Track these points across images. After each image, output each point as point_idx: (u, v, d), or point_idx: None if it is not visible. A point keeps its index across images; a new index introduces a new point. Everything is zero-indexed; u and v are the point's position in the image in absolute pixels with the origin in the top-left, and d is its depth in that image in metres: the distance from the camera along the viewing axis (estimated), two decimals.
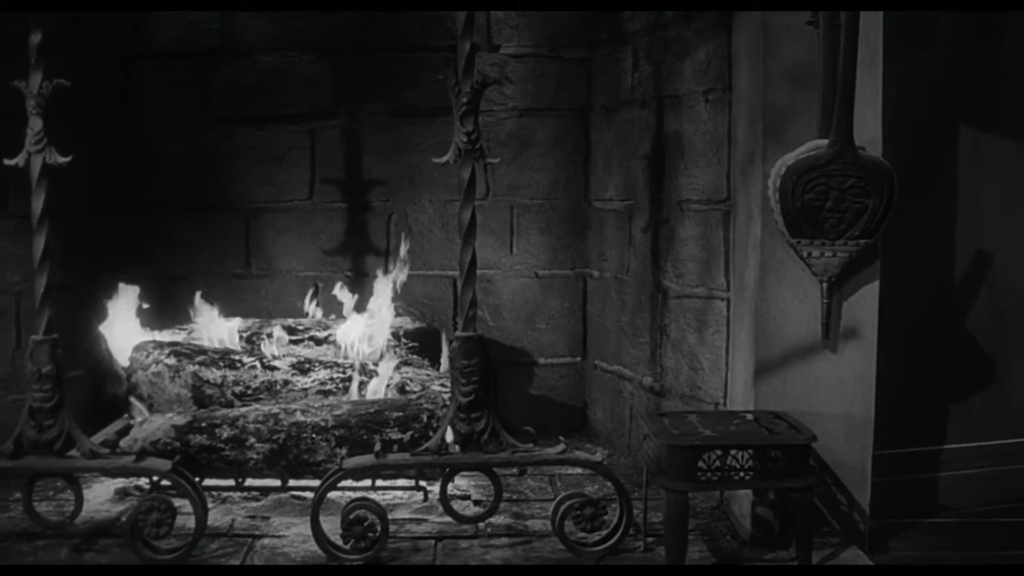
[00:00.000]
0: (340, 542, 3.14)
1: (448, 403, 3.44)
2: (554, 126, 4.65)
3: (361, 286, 4.60)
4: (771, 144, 3.25)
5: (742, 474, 2.98)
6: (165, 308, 4.43)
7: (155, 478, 3.51)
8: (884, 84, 3.24)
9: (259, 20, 4.62)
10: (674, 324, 3.94)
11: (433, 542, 3.30)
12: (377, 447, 3.23)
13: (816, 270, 3.24)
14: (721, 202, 3.66)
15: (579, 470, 3.98)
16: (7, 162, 3.15)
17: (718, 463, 2.97)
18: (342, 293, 4.50)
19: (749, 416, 3.21)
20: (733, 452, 2.97)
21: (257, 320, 4.41)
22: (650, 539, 3.23)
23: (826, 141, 3.14)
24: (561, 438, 3.28)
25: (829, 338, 3.29)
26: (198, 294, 4.41)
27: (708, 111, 3.71)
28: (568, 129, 4.65)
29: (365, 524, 3.11)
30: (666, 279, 3.98)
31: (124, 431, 3.76)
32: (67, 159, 3.14)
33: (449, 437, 3.21)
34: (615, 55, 4.38)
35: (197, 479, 3.37)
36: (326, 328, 4.32)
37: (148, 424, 3.71)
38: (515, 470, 3.85)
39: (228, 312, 4.39)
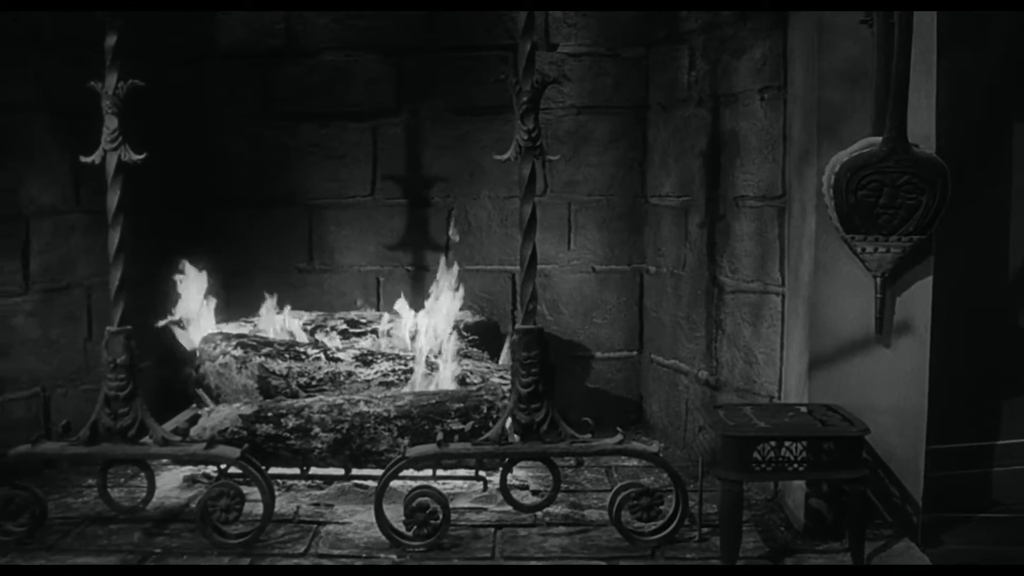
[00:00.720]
0: (403, 529, 3.22)
1: (508, 394, 3.52)
2: (611, 124, 4.71)
3: (422, 280, 4.70)
4: (825, 142, 3.28)
5: (796, 465, 3.03)
6: (231, 301, 4.56)
7: (223, 466, 3.63)
8: (938, 82, 3.26)
9: (323, 20, 4.73)
10: (729, 319, 3.99)
11: (493, 530, 3.38)
12: (439, 436, 3.31)
13: (870, 265, 3.27)
14: (776, 198, 3.70)
15: (635, 462, 4.05)
16: (84, 159, 3.27)
17: (772, 454, 3.02)
18: (403, 287, 4.58)
19: (803, 409, 3.24)
20: (787, 443, 3.02)
21: (321, 313, 4.52)
22: (705, 529, 3.29)
23: (880, 139, 3.17)
24: (618, 429, 3.34)
25: (882, 333, 3.32)
26: (267, 290, 4.54)
27: (763, 109, 3.75)
28: (625, 127, 4.71)
29: (427, 511, 3.20)
30: (722, 274, 4.03)
31: (192, 420, 3.88)
32: (141, 156, 3.26)
33: (509, 427, 3.29)
34: (672, 54, 4.43)
35: (264, 467, 3.48)
36: (388, 321, 4.41)
37: (216, 413, 3.83)
38: (572, 461, 3.95)
39: (292, 305, 4.51)
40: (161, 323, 4.28)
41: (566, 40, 4.69)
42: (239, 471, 3.38)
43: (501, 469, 3.35)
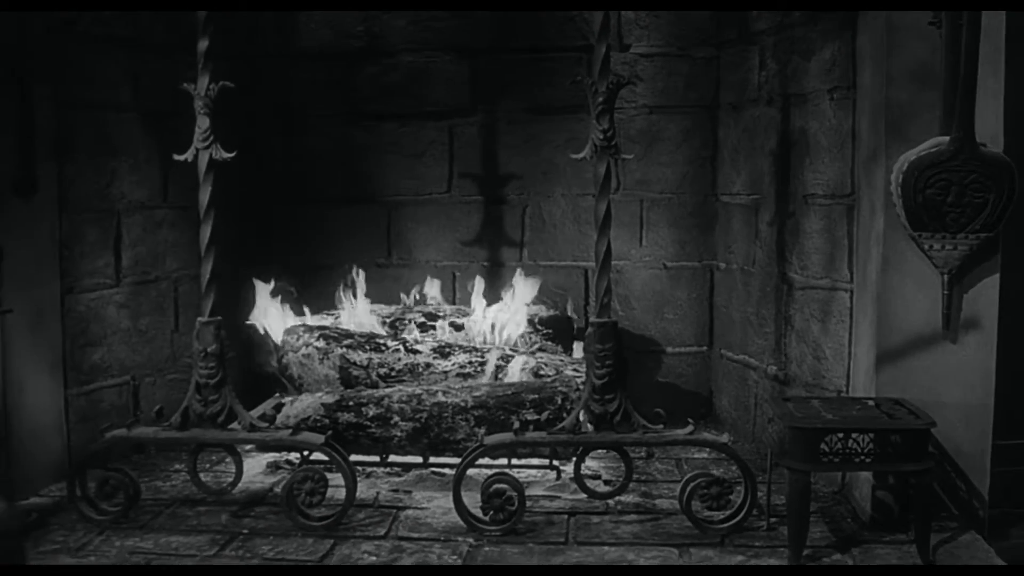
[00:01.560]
0: (479, 514, 3.33)
1: (581, 386, 3.63)
2: (683, 123, 4.78)
3: (497, 276, 4.81)
4: (893, 141, 3.34)
5: (862, 457, 3.09)
6: (312, 294, 4.70)
7: (305, 452, 3.77)
8: (1006, 82, 3.30)
9: (401, 22, 4.85)
10: (798, 314, 4.05)
11: (566, 517, 3.48)
12: (516, 425, 3.42)
13: (937, 262, 3.32)
14: (845, 196, 3.75)
15: (705, 454, 4.13)
16: (177, 157, 3.43)
17: (840, 446, 3.08)
18: (478, 282, 4.70)
19: (870, 402, 3.30)
20: (854, 435, 3.08)
21: (399, 306, 4.65)
22: (773, 519, 3.36)
23: (947, 138, 3.22)
24: (689, 420, 3.41)
25: (949, 328, 3.36)
26: (345, 281, 4.68)
27: (833, 109, 3.81)
28: (696, 126, 4.77)
29: (504, 497, 3.31)
30: (791, 271, 4.09)
31: (276, 409, 4.02)
32: (231, 154, 3.41)
33: (583, 418, 3.39)
34: (742, 54, 4.50)
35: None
36: (464, 315, 4.53)
37: (299, 402, 3.97)
38: (643, 453, 4.04)
39: (371, 299, 4.64)
40: (249, 320, 4.44)
41: (638, 41, 4.76)
42: (323, 458, 3.53)
43: (575, 458, 3.45)
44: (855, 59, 3.68)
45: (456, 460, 3.59)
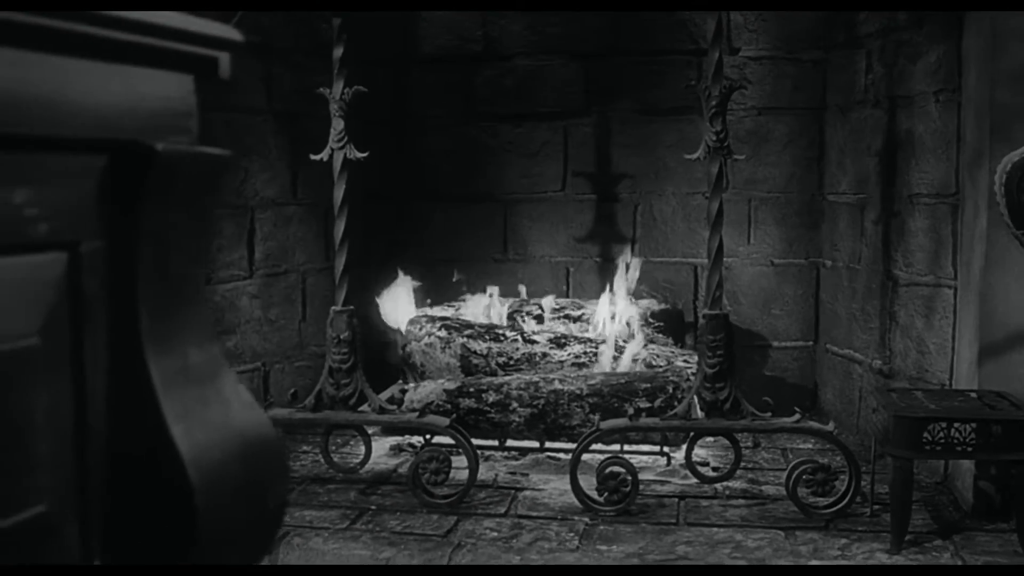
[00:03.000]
0: (594, 495, 3.50)
1: (691, 376, 3.79)
2: (790, 124, 4.89)
3: (609, 271, 4.96)
4: (997, 142, 3.39)
5: (964, 446, 3.16)
6: (433, 287, 4.91)
7: (428, 436, 4.00)
8: None
9: (517, 27, 5.05)
10: (903, 310, 4.15)
11: (676, 500, 3.63)
12: (630, 411, 3.60)
13: None
14: (949, 196, 3.83)
15: (810, 445, 4.26)
16: (313, 157, 3.66)
17: (942, 435, 3.17)
18: (591, 277, 4.87)
19: (972, 395, 3.38)
20: (956, 425, 3.17)
21: (516, 299, 4.85)
22: (876, 507, 3.45)
23: None
24: (796, 409, 3.55)
25: None
26: (466, 278, 4.90)
27: (938, 111, 3.88)
28: (803, 127, 4.88)
29: (618, 479, 3.47)
30: (896, 268, 4.19)
31: (400, 394, 4.25)
32: (364, 154, 3.64)
33: (694, 405, 3.56)
34: (849, 57, 4.59)
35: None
36: (579, 308, 4.71)
37: (422, 388, 4.19)
38: (750, 442, 4.18)
39: (488, 293, 4.85)
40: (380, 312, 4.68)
41: (747, 45, 4.88)
42: (444, 442, 3.73)
43: (686, 444, 3.62)
44: (960, 62, 3.76)
45: (570, 445, 3.78)
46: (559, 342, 4.38)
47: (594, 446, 3.63)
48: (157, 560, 0.95)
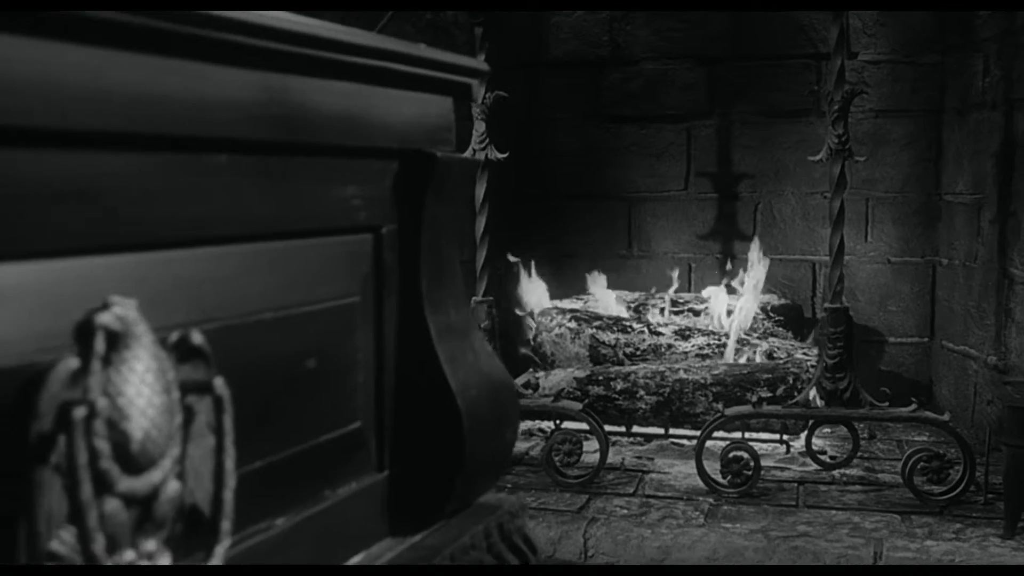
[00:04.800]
0: (718, 478, 3.71)
1: (811, 368, 3.99)
2: (908, 126, 5.01)
3: (730, 267, 5.17)
4: None
5: None
6: (560, 281, 5.15)
7: (558, 421, 4.24)
8: None
9: (643, 32, 5.26)
10: (1019, 308, 4.21)
11: (796, 485, 3.81)
12: (754, 399, 3.80)
13: None
14: None
15: (925, 436, 4.41)
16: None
17: None
18: (713, 272, 5.07)
19: None
20: None
21: (642, 293, 5.08)
22: (990, 495, 3.57)
23: None
24: (912, 399, 3.72)
25: None
26: (592, 273, 5.14)
27: None
28: (921, 129, 4.99)
29: (741, 463, 3.67)
30: (1012, 267, 4.25)
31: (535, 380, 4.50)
32: (504, 155, 3.88)
33: (815, 394, 3.75)
34: (966, 60, 4.68)
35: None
36: (702, 302, 4.91)
37: (553, 376, 4.44)
38: (866, 434, 4.34)
39: (614, 286, 5.07)
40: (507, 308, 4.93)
41: (865, 49, 5.01)
42: (575, 426, 3.97)
43: (806, 432, 3.82)
44: None
45: (693, 432, 4.01)
46: (683, 334, 4.59)
47: (716, 434, 3.83)
48: (434, 472, 1.22)
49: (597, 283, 5.05)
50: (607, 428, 4.24)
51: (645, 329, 4.61)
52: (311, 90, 1.08)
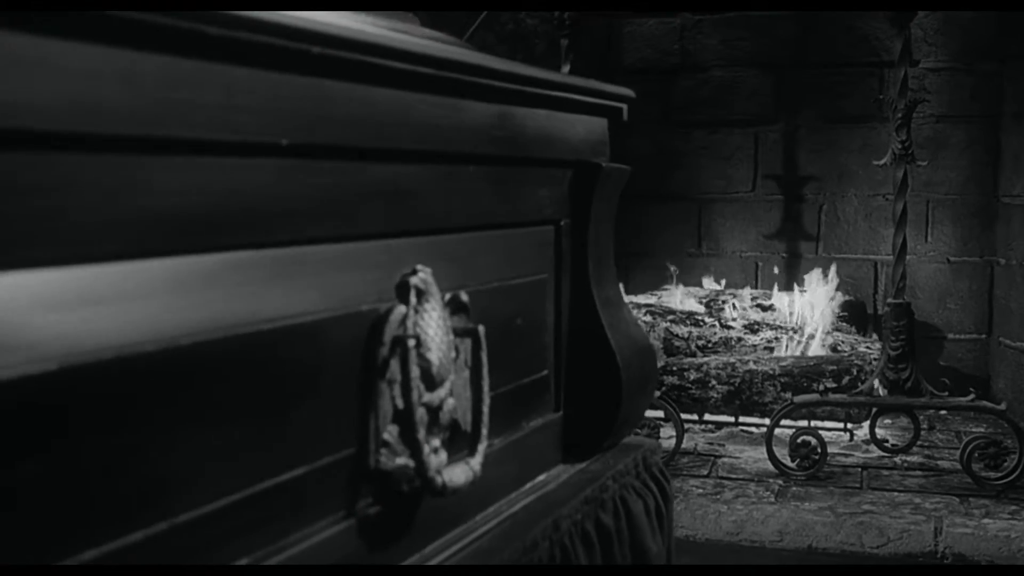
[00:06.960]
0: (786, 462, 3.97)
1: (874, 360, 4.24)
2: (967, 131, 5.20)
3: (795, 266, 5.41)
4: None
5: None
6: (633, 278, 5.43)
7: None
8: None
9: (712, 41, 5.51)
10: None
11: (859, 469, 4.05)
12: (821, 388, 4.06)
13: None
14: None
15: (982, 429, 4.63)
16: None
17: None
18: (779, 271, 5.32)
19: None
20: None
21: (713, 289, 5.34)
22: None
23: None
24: (971, 389, 3.96)
25: None
26: (665, 270, 5.41)
27: None
28: (979, 134, 5.18)
29: (808, 448, 3.93)
30: None
31: None
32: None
33: (878, 384, 4.00)
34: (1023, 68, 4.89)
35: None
36: (770, 298, 5.15)
37: None
38: (926, 424, 4.56)
39: (684, 284, 5.34)
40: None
41: (926, 57, 5.19)
42: (651, 414, 4.23)
43: (869, 420, 4.06)
44: None
45: (762, 420, 4.27)
46: (753, 328, 4.85)
47: (783, 423, 4.06)
48: (597, 414, 1.54)
49: (674, 279, 5.31)
50: (681, 416, 4.54)
51: (716, 323, 4.87)
52: (523, 116, 1.42)
